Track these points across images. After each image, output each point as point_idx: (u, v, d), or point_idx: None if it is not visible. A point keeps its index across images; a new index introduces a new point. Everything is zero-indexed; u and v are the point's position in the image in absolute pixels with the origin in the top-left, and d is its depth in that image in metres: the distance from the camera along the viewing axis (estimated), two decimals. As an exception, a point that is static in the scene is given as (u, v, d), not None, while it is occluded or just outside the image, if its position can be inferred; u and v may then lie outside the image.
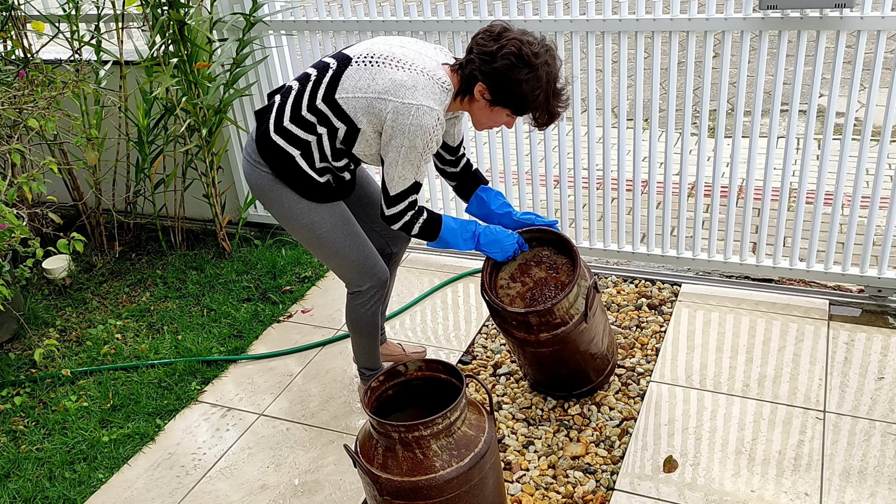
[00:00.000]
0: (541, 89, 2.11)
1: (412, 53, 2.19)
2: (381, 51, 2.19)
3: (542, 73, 2.10)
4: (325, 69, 2.23)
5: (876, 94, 2.77)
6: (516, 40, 2.08)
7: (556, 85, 2.15)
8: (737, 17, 2.81)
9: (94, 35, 3.67)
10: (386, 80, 2.13)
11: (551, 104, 2.16)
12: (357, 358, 2.72)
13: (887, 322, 2.98)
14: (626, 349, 2.96)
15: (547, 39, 2.16)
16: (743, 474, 2.37)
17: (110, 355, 3.23)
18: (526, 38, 2.10)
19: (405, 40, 2.26)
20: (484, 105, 2.18)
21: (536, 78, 2.09)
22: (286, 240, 4.01)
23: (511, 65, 2.08)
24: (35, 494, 2.55)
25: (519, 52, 2.07)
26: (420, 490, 1.94)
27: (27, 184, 2.78)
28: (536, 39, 2.13)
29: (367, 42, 2.27)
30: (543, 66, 2.10)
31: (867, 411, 2.55)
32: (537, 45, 2.11)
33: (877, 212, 2.95)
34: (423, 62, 2.17)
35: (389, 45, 2.22)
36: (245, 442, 2.73)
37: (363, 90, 2.16)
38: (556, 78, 2.14)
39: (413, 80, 2.12)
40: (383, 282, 2.53)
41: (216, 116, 3.57)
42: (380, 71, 2.15)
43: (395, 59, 2.16)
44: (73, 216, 4.14)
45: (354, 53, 2.22)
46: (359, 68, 2.17)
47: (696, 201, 3.26)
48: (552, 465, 2.48)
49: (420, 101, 2.10)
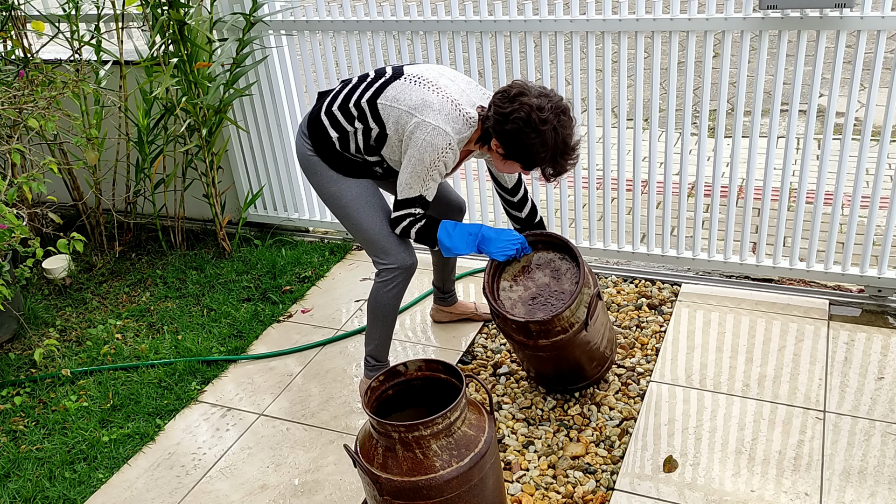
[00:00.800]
0: (547, 151, 2.26)
1: (454, 87, 2.41)
2: (430, 76, 2.42)
3: (549, 138, 2.24)
4: (381, 75, 2.47)
5: (876, 94, 2.77)
6: (527, 105, 2.22)
7: (566, 146, 2.28)
8: (737, 17, 2.81)
9: (94, 35, 3.67)
10: (419, 98, 2.36)
11: (558, 163, 2.30)
12: (367, 343, 2.77)
13: (887, 322, 2.98)
14: (626, 349, 2.96)
15: (563, 101, 2.28)
16: (743, 474, 2.37)
17: (110, 355, 3.23)
18: (537, 103, 2.23)
19: (457, 75, 2.49)
20: (498, 156, 2.38)
21: (543, 142, 2.24)
22: (286, 240, 4.01)
23: (519, 129, 2.24)
24: (35, 494, 2.56)
25: (528, 117, 2.22)
26: (420, 490, 1.94)
27: (27, 184, 2.78)
28: (549, 103, 2.25)
29: (426, 65, 2.50)
30: (551, 132, 2.23)
31: (867, 411, 2.55)
32: (548, 111, 2.23)
33: (877, 212, 2.95)
34: (459, 95, 2.39)
35: (440, 73, 2.45)
36: (245, 442, 2.73)
37: (399, 102, 2.39)
38: (564, 140, 2.27)
39: (441, 104, 2.35)
40: (407, 266, 2.62)
41: (216, 116, 3.57)
42: (419, 90, 2.38)
43: (435, 85, 2.39)
44: (73, 216, 4.14)
45: (408, 71, 2.45)
46: (404, 84, 2.40)
47: (696, 201, 3.26)
48: (552, 465, 2.48)
49: (439, 123, 2.33)
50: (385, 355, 2.79)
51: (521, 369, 2.91)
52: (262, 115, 3.81)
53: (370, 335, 2.75)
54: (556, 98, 2.27)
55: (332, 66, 3.59)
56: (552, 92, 2.30)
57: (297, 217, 4.03)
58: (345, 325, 3.31)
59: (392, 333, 2.77)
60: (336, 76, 3.59)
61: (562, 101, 2.28)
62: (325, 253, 3.84)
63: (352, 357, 3.10)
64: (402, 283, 2.64)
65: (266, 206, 4.08)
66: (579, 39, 3.08)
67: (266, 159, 3.92)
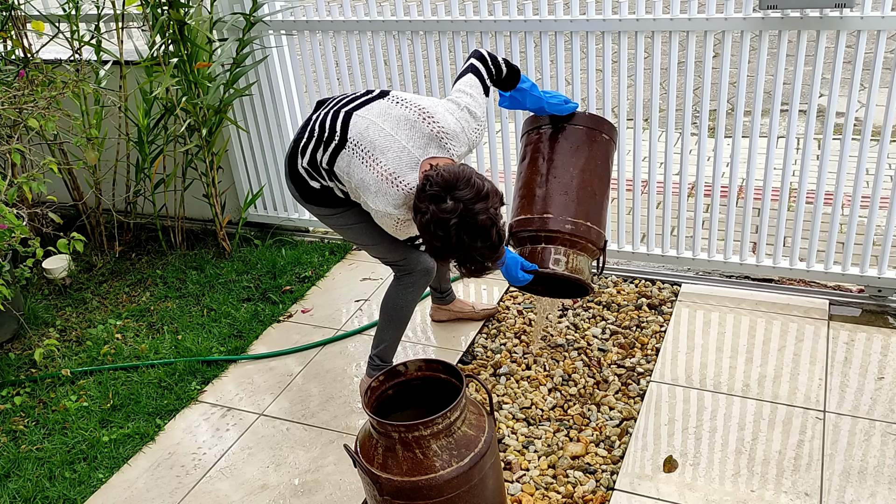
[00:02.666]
0: (453, 254, 2.14)
1: (392, 149, 2.28)
2: (368, 138, 2.30)
3: (455, 244, 2.10)
4: (333, 134, 2.38)
5: (876, 94, 2.77)
6: (433, 210, 2.08)
7: (472, 252, 2.12)
8: (737, 17, 2.81)
9: (94, 35, 3.67)
10: (358, 178, 2.31)
11: (472, 266, 2.17)
12: (376, 344, 2.78)
13: (887, 322, 2.98)
14: (626, 349, 2.96)
15: (476, 208, 2.08)
16: (743, 474, 2.37)
17: (110, 355, 3.23)
18: (446, 207, 2.06)
19: (401, 118, 2.32)
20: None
21: (449, 247, 2.12)
22: (286, 240, 4.01)
23: (425, 229, 2.13)
24: (35, 494, 2.56)
25: (428, 223, 2.10)
26: (420, 490, 1.94)
27: (27, 184, 2.78)
28: (460, 208, 2.06)
29: (372, 111, 2.36)
30: (456, 240, 2.09)
31: (867, 411, 2.55)
32: (456, 216, 2.06)
33: (877, 212, 2.96)
34: (396, 162, 2.27)
35: (380, 131, 2.31)
36: (245, 442, 2.73)
37: (349, 175, 2.35)
38: (471, 248, 2.11)
39: (376, 184, 2.28)
40: (429, 268, 2.63)
41: (216, 116, 3.57)
42: (358, 166, 2.30)
43: (371, 157, 2.28)
44: (73, 216, 4.14)
45: (351, 133, 2.34)
46: (348, 153, 2.33)
47: (696, 201, 3.26)
48: (552, 464, 2.48)
49: (378, 206, 2.29)
50: (392, 357, 2.80)
51: (521, 369, 2.91)
52: (262, 115, 3.81)
53: (381, 336, 2.76)
54: (471, 200, 2.07)
55: (332, 66, 3.59)
56: (477, 185, 2.09)
57: (297, 217, 4.03)
58: (345, 325, 3.31)
59: (402, 336, 2.79)
60: (336, 76, 3.59)
61: (473, 207, 2.07)
62: (325, 253, 3.84)
63: (352, 357, 3.10)
64: (423, 286, 2.67)
65: (266, 206, 4.08)
66: (579, 39, 3.08)
67: (266, 159, 3.92)
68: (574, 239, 2.47)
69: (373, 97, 2.43)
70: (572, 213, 2.48)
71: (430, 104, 2.37)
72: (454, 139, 2.34)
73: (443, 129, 2.32)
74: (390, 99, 2.40)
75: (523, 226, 2.51)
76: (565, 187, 2.50)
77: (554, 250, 2.47)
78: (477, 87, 2.45)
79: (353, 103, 2.43)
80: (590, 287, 2.52)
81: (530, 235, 2.50)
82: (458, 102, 2.40)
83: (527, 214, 2.51)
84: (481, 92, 2.46)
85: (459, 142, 2.35)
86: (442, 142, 2.32)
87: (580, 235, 2.46)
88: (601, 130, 2.58)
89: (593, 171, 2.54)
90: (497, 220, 2.13)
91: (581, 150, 2.54)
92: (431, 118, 2.32)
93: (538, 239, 2.49)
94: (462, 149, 2.37)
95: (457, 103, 2.40)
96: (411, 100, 2.38)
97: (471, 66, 2.50)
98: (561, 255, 2.47)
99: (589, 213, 2.50)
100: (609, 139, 2.60)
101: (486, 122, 2.47)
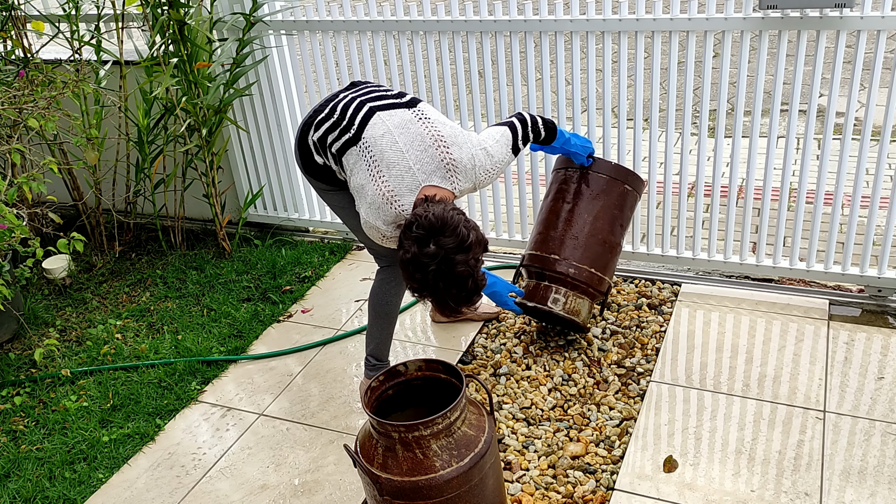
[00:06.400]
0: (431, 295, 2.15)
1: (398, 166, 2.27)
2: (380, 147, 2.29)
3: (432, 286, 2.12)
4: (351, 123, 2.36)
5: (876, 94, 2.77)
6: (413, 251, 2.09)
7: (448, 296, 2.14)
8: (737, 17, 2.81)
9: (94, 35, 3.67)
10: (358, 182, 2.33)
11: (451, 306, 2.18)
12: (368, 343, 2.78)
13: (887, 322, 2.98)
14: (626, 349, 2.96)
15: (457, 257, 2.09)
16: (743, 474, 2.37)
17: (110, 355, 3.23)
18: (427, 251, 2.08)
19: (415, 139, 2.30)
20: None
21: (426, 288, 2.13)
22: (286, 240, 4.01)
23: (404, 268, 2.15)
24: (35, 494, 2.56)
25: (407, 263, 2.12)
26: (420, 490, 1.94)
27: (27, 184, 2.78)
28: (441, 254, 2.07)
29: (386, 120, 2.33)
30: (434, 282, 2.11)
31: (867, 411, 2.55)
32: (435, 262, 2.07)
33: (877, 212, 2.95)
34: (397, 182, 2.27)
35: (392, 143, 2.30)
36: (245, 442, 2.73)
37: (350, 172, 2.36)
38: (448, 292, 2.13)
39: (373, 196, 2.28)
40: None
41: (216, 116, 3.57)
42: (363, 169, 2.31)
43: (376, 168, 2.28)
44: (73, 216, 4.14)
45: (367, 134, 2.33)
46: (357, 151, 2.33)
47: (696, 201, 3.26)
48: (552, 464, 2.48)
49: (370, 217, 2.32)
50: (386, 354, 2.80)
51: (521, 369, 2.91)
52: (262, 115, 3.81)
53: (371, 334, 2.76)
54: (452, 250, 2.08)
55: (332, 66, 3.59)
56: (462, 234, 2.10)
57: (297, 217, 4.03)
58: (345, 325, 3.31)
59: (393, 332, 2.78)
60: (336, 76, 3.59)
61: (454, 258, 2.08)
62: (325, 253, 3.84)
63: (352, 357, 3.11)
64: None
65: (266, 206, 4.08)
66: (579, 39, 3.08)
67: (266, 159, 3.92)
68: (576, 283, 2.82)
69: (401, 102, 2.40)
70: (578, 258, 2.82)
71: (450, 133, 2.33)
72: (461, 174, 2.32)
73: (453, 162, 2.31)
74: (416, 112, 2.36)
75: (534, 261, 2.89)
76: (577, 233, 2.84)
77: (555, 290, 2.83)
78: (506, 139, 2.47)
79: (381, 101, 2.40)
80: (584, 328, 2.87)
81: (538, 272, 2.88)
82: (480, 141, 2.40)
83: (539, 252, 2.87)
84: (509, 146, 2.47)
85: (466, 178, 2.34)
86: (449, 173, 2.31)
87: (582, 280, 2.82)
88: (624, 182, 2.88)
89: (607, 219, 2.86)
90: (476, 272, 2.14)
91: (599, 198, 2.87)
92: (446, 147, 2.30)
93: (544, 276, 2.86)
94: (466, 185, 2.35)
95: (479, 141, 2.39)
96: (434, 120, 2.35)
97: (509, 123, 2.53)
98: (561, 296, 2.82)
99: (595, 260, 2.84)
100: (632, 190, 2.91)
101: (499, 171, 2.45)
